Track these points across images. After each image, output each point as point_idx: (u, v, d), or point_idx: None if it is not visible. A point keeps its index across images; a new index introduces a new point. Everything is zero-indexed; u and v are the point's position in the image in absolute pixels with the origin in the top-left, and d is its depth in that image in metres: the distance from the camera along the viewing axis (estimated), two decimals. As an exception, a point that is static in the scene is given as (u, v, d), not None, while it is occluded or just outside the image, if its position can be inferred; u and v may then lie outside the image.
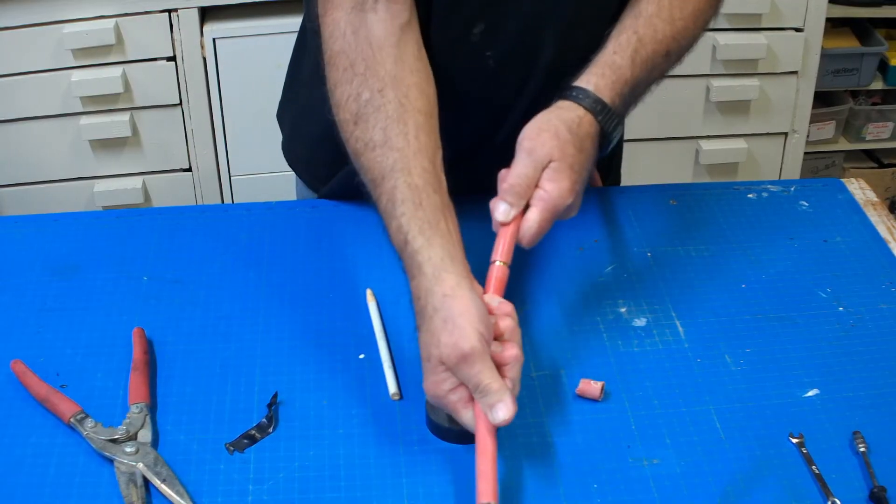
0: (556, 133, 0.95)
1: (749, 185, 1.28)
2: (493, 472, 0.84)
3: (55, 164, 2.18)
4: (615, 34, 1.05)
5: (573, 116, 0.98)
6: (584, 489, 0.88)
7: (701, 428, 0.94)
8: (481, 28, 1.05)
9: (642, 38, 1.03)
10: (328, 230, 1.19)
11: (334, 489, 0.88)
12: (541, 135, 0.95)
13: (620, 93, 1.02)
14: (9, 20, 2.00)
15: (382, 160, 0.94)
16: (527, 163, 0.94)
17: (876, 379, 0.99)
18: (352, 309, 1.07)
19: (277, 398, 0.95)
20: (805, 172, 2.51)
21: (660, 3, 1.05)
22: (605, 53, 1.03)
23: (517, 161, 0.95)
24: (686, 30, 1.07)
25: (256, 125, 2.14)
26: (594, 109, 0.99)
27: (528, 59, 1.08)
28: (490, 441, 0.85)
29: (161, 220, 1.20)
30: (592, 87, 1.00)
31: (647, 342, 1.03)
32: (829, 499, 0.86)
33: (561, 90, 1.02)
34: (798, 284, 1.12)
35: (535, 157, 0.94)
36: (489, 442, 0.85)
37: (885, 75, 2.49)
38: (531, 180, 0.94)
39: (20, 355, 0.99)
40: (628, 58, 1.03)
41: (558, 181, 0.94)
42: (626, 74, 1.02)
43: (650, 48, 1.04)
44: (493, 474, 0.84)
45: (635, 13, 1.06)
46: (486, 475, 0.83)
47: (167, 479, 0.87)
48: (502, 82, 1.10)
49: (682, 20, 1.06)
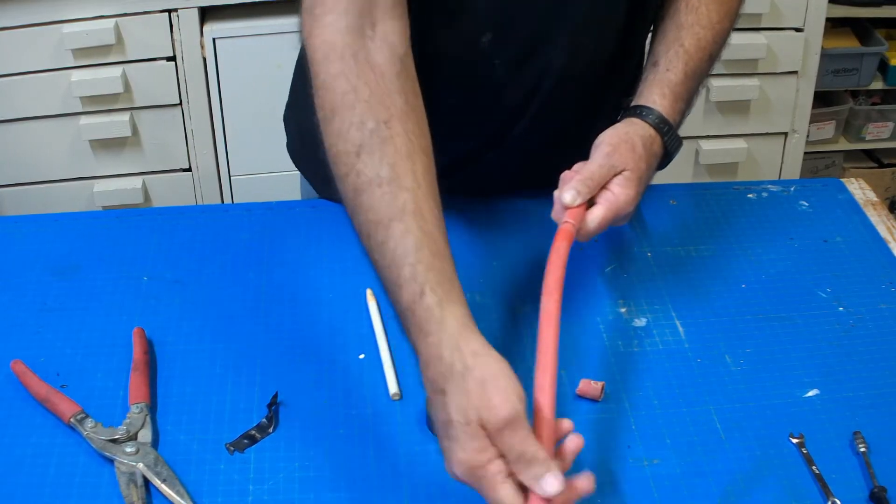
0: (633, 147, 0.99)
1: (749, 185, 1.28)
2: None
3: (55, 164, 2.18)
4: (663, 49, 1.07)
5: (647, 135, 1.01)
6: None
7: (701, 428, 0.94)
8: (489, 37, 1.05)
9: (688, 49, 1.06)
10: (328, 230, 1.19)
11: (334, 489, 0.88)
12: (620, 145, 0.99)
13: (680, 111, 1.06)
14: (9, 20, 2.00)
15: (392, 200, 0.84)
16: (603, 164, 0.97)
17: (876, 379, 0.99)
18: (352, 309, 1.07)
19: (277, 398, 0.95)
20: (805, 172, 2.50)
21: (698, 11, 1.08)
22: (658, 71, 1.06)
23: (594, 160, 0.98)
24: (724, 31, 1.09)
25: (256, 125, 2.14)
26: (661, 130, 1.03)
27: (537, 66, 1.08)
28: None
29: (161, 220, 1.20)
30: (658, 107, 1.04)
31: (647, 342, 1.03)
32: (830, 499, 0.86)
33: (625, 108, 1.05)
34: (798, 284, 1.12)
35: (611, 162, 0.98)
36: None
37: (885, 75, 2.49)
38: (602, 180, 0.97)
39: (20, 355, 0.99)
40: (681, 73, 1.05)
41: (627, 188, 0.97)
42: (681, 92, 1.05)
43: (697, 58, 1.07)
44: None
45: (677, 24, 1.08)
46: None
47: (167, 479, 0.87)
48: (511, 89, 1.10)
49: (719, 22, 1.09)
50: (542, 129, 1.14)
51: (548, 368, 0.79)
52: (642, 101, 1.05)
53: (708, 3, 1.09)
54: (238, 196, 2.26)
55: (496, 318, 1.07)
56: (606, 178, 0.97)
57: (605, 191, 0.98)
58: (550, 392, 0.78)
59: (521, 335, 1.04)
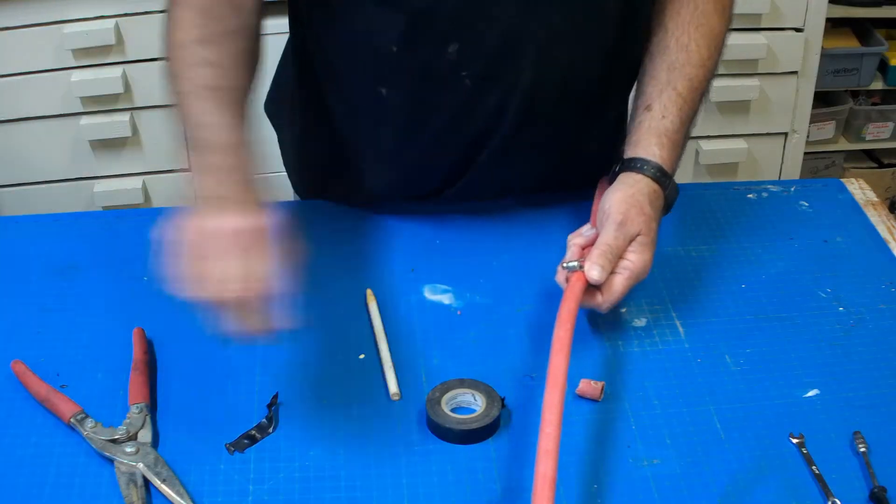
0: (642, 209, 1.01)
1: (749, 185, 1.28)
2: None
3: (55, 164, 2.18)
4: (655, 92, 1.07)
5: (650, 191, 1.03)
6: (585, 489, 0.88)
7: (701, 428, 0.94)
8: (456, 47, 1.04)
9: (682, 93, 1.07)
10: (328, 230, 1.19)
11: (334, 489, 0.88)
12: (630, 209, 1.00)
13: (676, 158, 1.07)
14: (9, 20, 2.00)
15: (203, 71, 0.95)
16: (618, 234, 0.99)
17: (876, 379, 0.99)
18: (352, 309, 1.07)
19: (278, 398, 0.95)
20: (805, 172, 2.50)
21: (688, 49, 1.08)
22: (654, 118, 1.06)
23: (608, 229, 0.99)
24: (714, 66, 1.10)
25: (256, 125, 2.13)
26: (662, 183, 1.04)
27: (506, 80, 1.07)
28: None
29: (161, 220, 1.19)
30: (658, 159, 1.04)
31: (647, 342, 1.03)
32: (830, 499, 0.86)
33: (625, 160, 1.05)
34: (798, 284, 1.12)
35: (625, 231, 0.99)
36: None
37: (885, 75, 2.49)
38: (620, 250, 0.99)
39: (20, 355, 0.99)
40: (677, 119, 1.06)
41: (643, 254, 1.00)
42: (678, 139, 1.07)
43: (690, 101, 1.07)
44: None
45: (668, 64, 1.08)
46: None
47: (167, 479, 0.87)
48: (480, 104, 1.09)
49: (710, 58, 1.09)
50: (518, 145, 1.13)
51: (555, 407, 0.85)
52: (640, 152, 1.05)
53: (697, 39, 1.08)
54: (238, 196, 2.26)
55: (496, 317, 1.07)
56: (623, 248, 1.00)
57: (622, 260, 1.00)
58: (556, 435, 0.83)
59: (521, 335, 1.04)
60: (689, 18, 1.08)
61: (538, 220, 1.19)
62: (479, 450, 0.91)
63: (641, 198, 1.02)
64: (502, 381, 0.97)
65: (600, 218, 1.02)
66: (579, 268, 0.98)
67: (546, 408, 0.84)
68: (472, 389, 0.95)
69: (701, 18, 1.08)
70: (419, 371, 0.99)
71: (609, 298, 0.99)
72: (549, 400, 0.85)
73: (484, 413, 0.93)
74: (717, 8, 1.09)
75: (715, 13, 1.09)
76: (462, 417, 0.93)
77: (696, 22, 1.08)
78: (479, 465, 0.90)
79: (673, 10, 1.09)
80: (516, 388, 0.97)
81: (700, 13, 1.09)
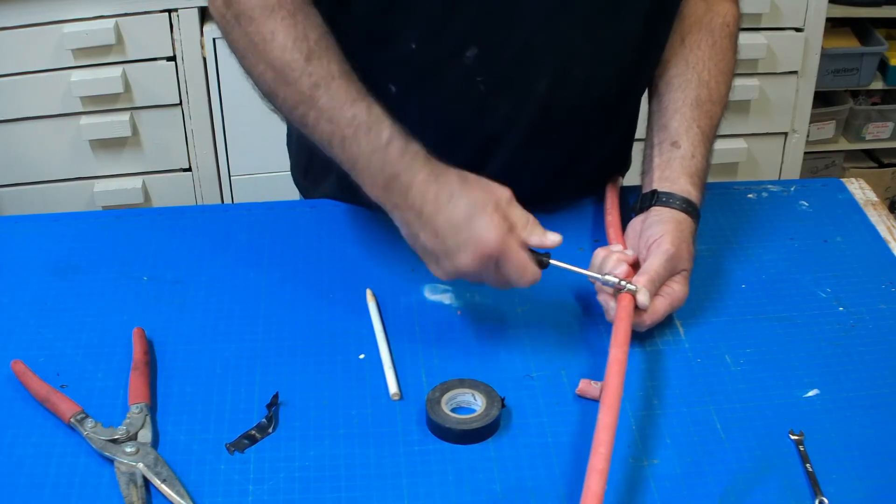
0: (689, 246, 1.06)
1: (749, 185, 1.28)
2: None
3: (55, 164, 2.18)
4: (682, 128, 1.11)
5: (692, 231, 1.07)
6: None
7: (701, 428, 0.94)
8: (474, 52, 1.04)
9: (705, 131, 1.12)
10: (328, 230, 1.19)
11: (334, 489, 0.88)
12: (681, 245, 1.04)
13: (704, 195, 1.11)
14: (9, 20, 2.00)
15: (349, 87, 0.98)
16: (667, 265, 1.03)
17: (876, 379, 0.99)
18: (352, 309, 1.07)
19: (278, 398, 0.95)
20: (805, 172, 2.50)
21: (709, 86, 1.13)
22: (684, 157, 1.10)
23: (658, 258, 1.03)
24: (729, 95, 1.16)
25: (256, 125, 2.12)
26: (697, 222, 1.09)
27: (521, 89, 1.08)
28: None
29: (161, 220, 1.20)
30: (696, 201, 1.08)
31: (646, 342, 1.03)
32: (818, 497, 0.86)
33: (662, 193, 1.08)
34: (798, 284, 1.12)
35: (674, 264, 1.03)
36: None
37: (885, 75, 2.49)
38: (664, 280, 1.03)
39: (20, 355, 0.99)
40: (704, 159, 1.11)
41: (684, 285, 1.05)
42: (705, 178, 1.12)
43: (711, 138, 1.13)
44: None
45: (692, 101, 1.12)
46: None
47: (167, 479, 0.87)
48: (493, 111, 1.10)
49: (726, 95, 1.15)
50: (526, 155, 1.14)
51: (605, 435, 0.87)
52: (678, 190, 1.08)
53: (717, 76, 1.13)
54: (238, 196, 2.26)
55: (496, 317, 1.07)
56: (667, 277, 1.03)
57: (665, 286, 1.03)
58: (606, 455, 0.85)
59: (521, 335, 1.04)
60: (709, 54, 1.13)
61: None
62: (479, 450, 0.92)
63: (689, 236, 1.06)
64: (502, 381, 0.97)
65: (644, 243, 1.05)
66: (633, 290, 1.00)
67: (600, 428, 0.86)
68: (472, 389, 0.95)
69: (719, 54, 1.14)
70: (419, 371, 1.00)
71: (652, 318, 1.01)
72: (604, 421, 0.87)
73: (484, 413, 0.93)
74: (731, 45, 1.15)
75: (730, 50, 1.15)
76: (462, 417, 0.93)
77: (715, 58, 1.13)
78: (479, 465, 0.90)
79: (693, 43, 1.13)
80: (516, 388, 0.97)
81: (718, 49, 1.14)
